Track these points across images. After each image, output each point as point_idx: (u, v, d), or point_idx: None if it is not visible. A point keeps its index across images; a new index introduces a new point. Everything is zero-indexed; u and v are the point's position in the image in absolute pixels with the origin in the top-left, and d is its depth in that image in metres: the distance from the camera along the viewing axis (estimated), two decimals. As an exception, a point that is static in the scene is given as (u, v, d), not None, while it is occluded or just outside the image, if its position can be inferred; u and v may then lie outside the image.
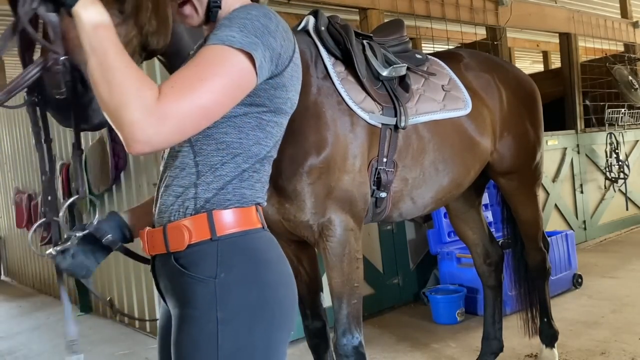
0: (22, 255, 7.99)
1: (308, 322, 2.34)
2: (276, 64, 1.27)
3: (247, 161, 1.29)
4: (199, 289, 1.21)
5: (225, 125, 1.27)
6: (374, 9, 4.84)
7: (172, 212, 1.28)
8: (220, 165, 1.27)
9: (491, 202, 4.56)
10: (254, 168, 1.31)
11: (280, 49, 1.27)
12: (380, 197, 2.13)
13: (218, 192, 1.27)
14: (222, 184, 1.27)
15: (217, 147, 1.27)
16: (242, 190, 1.29)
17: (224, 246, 1.24)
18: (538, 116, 2.93)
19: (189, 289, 1.23)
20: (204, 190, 1.27)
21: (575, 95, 6.60)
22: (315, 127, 1.90)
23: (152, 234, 1.33)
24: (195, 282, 1.22)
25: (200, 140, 1.27)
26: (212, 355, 1.19)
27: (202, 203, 1.26)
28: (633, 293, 4.31)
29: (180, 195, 1.28)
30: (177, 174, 1.30)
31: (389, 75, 2.13)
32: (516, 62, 10.64)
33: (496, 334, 3.04)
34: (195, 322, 1.21)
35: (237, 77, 1.19)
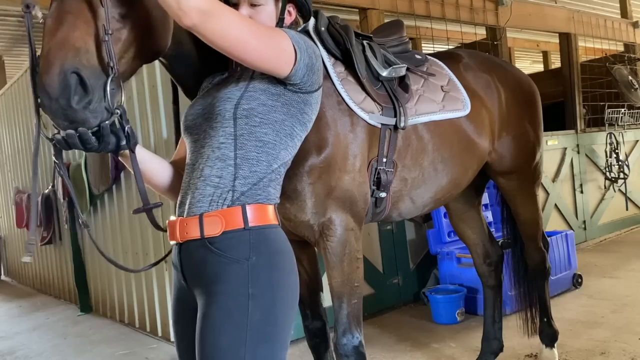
0: (22, 255, 7.98)
1: (308, 321, 2.34)
2: (310, 78, 1.55)
3: (276, 162, 1.52)
4: (234, 269, 1.40)
5: (266, 127, 1.50)
6: (374, 9, 4.84)
7: (210, 202, 1.44)
8: (256, 161, 1.48)
9: (491, 202, 4.57)
10: (278, 171, 1.54)
11: (316, 69, 1.57)
12: (380, 197, 2.14)
13: (252, 187, 1.47)
14: (256, 179, 1.48)
15: (256, 145, 1.48)
16: (269, 189, 1.50)
17: (255, 235, 1.44)
18: (538, 116, 2.93)
19: (224, 268, 1.40)
20: (241, 184, 1.46)
21: (575, 95, 6.61)
22: (316, 127, 1.90)
23: (186, 222, 1.46)
24: (230, 262, 1.40)
25: (244, 135, 1.48)
26: (243, 322, 1.36)
27: (238, 195, 1.45)
28: (633, 293, 4.31)
29: (218, 186, 1.45)
30: (215, 164, 1.47)
31: (388, 75, 2.13)
32: (516, 62, 10.65)
33: (496, 334, 3.05)
34: (229, 295, 1.38)
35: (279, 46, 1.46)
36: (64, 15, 1.34)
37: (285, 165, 1.57)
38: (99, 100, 1.34)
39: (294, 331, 3.83)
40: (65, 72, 1.30)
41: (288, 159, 1.57)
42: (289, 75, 1.49)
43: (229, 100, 1.51)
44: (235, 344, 1.35)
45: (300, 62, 1.50)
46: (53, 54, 1.30)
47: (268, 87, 1.53)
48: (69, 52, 1.31)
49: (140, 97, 4.39)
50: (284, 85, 1.53)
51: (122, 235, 4.88)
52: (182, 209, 1.49)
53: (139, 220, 4.45)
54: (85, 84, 1.32)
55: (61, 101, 1.30)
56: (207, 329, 1.37)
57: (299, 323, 2.38)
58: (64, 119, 1.33)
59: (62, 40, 1.31)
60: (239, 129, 1.48)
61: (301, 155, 1.86)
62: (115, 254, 5.03)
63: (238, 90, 1.52)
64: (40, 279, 7.33)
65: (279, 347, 1.45)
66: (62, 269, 6.49)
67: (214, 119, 1.51)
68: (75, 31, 1.33)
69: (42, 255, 7.05)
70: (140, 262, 4.59)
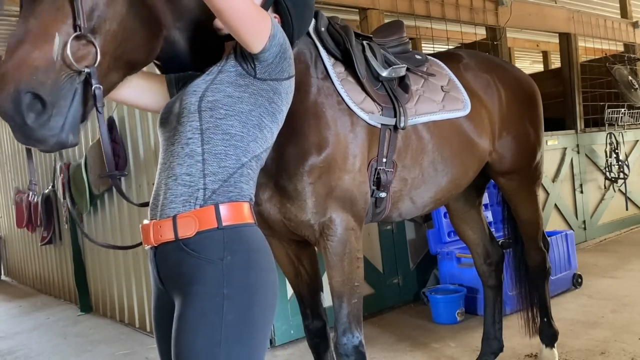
0: (22, 255, 7.99)
1: (308, 321, 2.34)
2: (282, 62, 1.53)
3: (246, 155, 1.48)
4: (209, 269, 1.38)
5: (232, 119, 1.47)
6: (374, 9, 4.84)
7: (183, 202, 1.42)
8: (224, 156, 1.45)
9: (491, 202, 4.57)
10: (249, 165, 1.50)
11: (288, 57, 1.55)
12: (380, 197, 2.14)
13: (223, 184, 1.44)
14: (226, 175, 1.45)
15: (222, 138, 1.45)
16: (241, 185, 1.47)
17: (229, 234, 1.41)
18: (538, 116, 2.93)
19: (199, 269, 1.38)
20: (212, 181, 1.43)
21: (575, 95, 6.61)
22: (316, 127, 1.91)
23: (160, 225, 1.44)
24: (205, 263, 1.38)
25: (210, 129, 1.45)
26: (217, 323, 1.35)
27: (209, 194, 1.42)
28: (633, 293, 4.31)
29: (189, 185, 1.43)
30: (185, 161, 1.44)
31: (388, 76, 2.13)
32: (516, 62, 10.64)
33: (496, 334, 3.05)
34: (204, 296, 1.36)
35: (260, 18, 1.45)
36: (26, 33, 1.33)
37: (257, 160, 1.54)
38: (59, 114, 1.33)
39: (293, 331, 3.86)
40: (19, 92, 1.28)
41: (259, 152, 1.53)
42: (262, 50, 1.47)
43: (194, 94, 1.49)
44: (209, 345, 1.34)
45: (275, 40, 1.48)
46: (9, 74, 1.29)
47: (236, 79, 1.51)
48: (26, 72, 1.29)
49: (140, 97, 4.39)
50: (253, 75, 1.51)
51: (122, 235, 4.88)
52: (155, 211, 1.48)
53: (139, 220, 4.44)
54: (44, 101, 1.30)
55: (17, 119, 1.30)
56: (182, 330, 1.36)
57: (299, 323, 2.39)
58: (21, 136, 1.33)
59: (20, 60, 1.30)
60: (204, 122, 1.46)
61: (301, 155, 1.87)
62: (115, 254, 5.03)
63: (204, 83, 1.51)
64: (40, 279, 7.33)
65: (255, 348, 1.41)
66: (62, 269, 6.49)
67: (182, 113, 1.49)
68: (34, 50, 1.31)
69: (42, 255, 7.05)
70: (141, 262, 4.59)
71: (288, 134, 1.87)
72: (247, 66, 1.51)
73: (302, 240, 2.08)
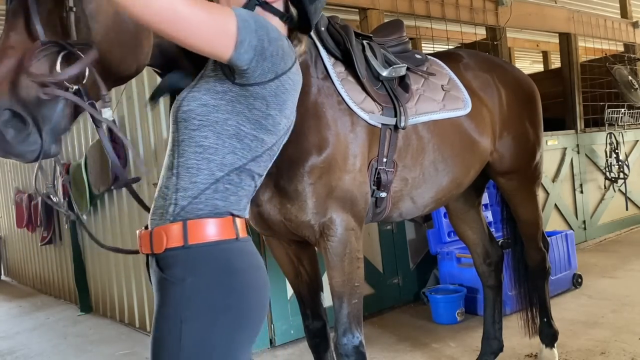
0: (22, 255, 8.00)
1: (308, 321, 2.34)
2: (261, 64, 1.33)
3: (221, 169, 1.36)
4: (172, 290, 1.32)
5: (206, 130, 1.36)
6: (374, 9, 4.84)
7: (161, 215, 1.38)
8: (195, 170, 1.35)
9: (491, 202, 4.56)
10: (228, 179, 1.38)
11: (270, 55, 1.35)
12: (380, 197, 2.14)
13: (192, 200, 1.35)
14: (196, 192, 1.35)
15: (195, 151, 1.36)
16: (215, 202, 1.36)
17: (194, 254, 1.33)
18: (537, 116, 2.93)
19: (164, 288, 1.34)
20: (182, 196, 1.36)
21: (575, 95, 6.61)
22: (316, 127, 1.90)
23: (142, 236, 1.43)
24: (169, 283, 1.32)
25: (185, 141, 1.37)
26: (176, 347, 1.29)
27: (178, 210, 1.35)
28: (633, 293, 4.31)
29: (165, 198, 1.38)
30: (165, 174, 1.41)
31: (388, 75, 2.13)
32: (516, 62, 10.64)
33: (496, 334, 3.05)
34: (167, 319, 1.31)
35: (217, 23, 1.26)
36: (5, 50, 1.30)
37: (243, 174, 1.40)
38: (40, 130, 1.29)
39: (293, 331, 3.86)
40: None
41: (242, 164, 1.39)
42: (230, 59, 1.29)
43: (175, 103, 1.42)
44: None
45: (244, 44, 1.28)
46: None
47: (214, 85, 1.38)
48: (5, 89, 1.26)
49: (140, 97, 4.39)
50: (232, 80, 1.36)
51: (122, 235, 4.88)
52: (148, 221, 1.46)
53: (139, 220, 4.45)
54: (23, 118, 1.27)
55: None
56: (151, 351, 1.33)
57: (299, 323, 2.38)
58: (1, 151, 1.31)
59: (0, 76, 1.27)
60: (180, 134, 1.38)
61: (301, 156, 1.87)
62: (115, 254, 5.03)
63: (185, 91, 1.42)
64: (40, 279, 7.33)
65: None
66: (62, 269, 6.49)
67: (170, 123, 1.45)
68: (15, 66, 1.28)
69: (42, 255, 7.05)
70: (141, 262, 4.59)
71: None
72: (226, 70, 1.38)
73: (302, 241, 2.08)
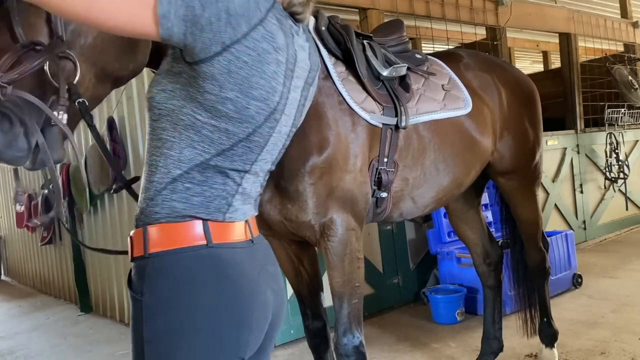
0: (22, 255, 7.99)
1: (308, 321, 2.34)
2: (199, 36, 1.09)
3: (178, 166, 1.17)
4: (135, 306, 1.19)
5: (164, 120, 1.18)
6: (374, 9, 4.84)
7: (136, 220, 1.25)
8: (154, 168, 1.20)
9: (491, 202, 4.56)
10: (189, 177, 1.18)
11: (207, 24, 1.09)
12: (381, 197, 2.14)
13: (149, 203, 1.20)
14: (152, 193, 1.19)
15: (155, 145, 1.20)
16: (172, 203, 1.18)
17: (152, 265, 1.17)
18: (537, 116, 2.93)
19: (131, 303, 1.21)
20: (143, 198, 1.22)
21: (575, 95, 6.61)
22: (317, 127, 1.90)
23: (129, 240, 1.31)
24: (132, 298, 1.19)
25: (149, 134, 1.23)
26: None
27: (139, 214, 1.22)
28: (633, 293, 4.31)
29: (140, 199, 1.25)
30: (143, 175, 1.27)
31: (389, 75, 2.13)
32: (516, 62, 10.64)
33: (496, 334, 3.05)
34: (133, 339, 1.19)
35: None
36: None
37: (202, 169, 1.18)
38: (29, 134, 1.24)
39: (293, 331, 3.86)
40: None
41: (203, 160, 1.18)
42: (160, 36, 1.10)
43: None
44: None
45: (170, 17, 1.07)
46: None
47: (172, 66, 1.19)
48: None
49: (140, 97, 4.39)
50: (183, 58, 1.15)
51: (123, 235, 4.87)
52: None
53: (139, 220, 4.45)
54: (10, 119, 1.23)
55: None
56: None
57: (299, 323, 2.38)
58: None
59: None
60: (148, 125, 1.24)
61: (302, 156, 1.87)
62: (116, 258, 5.03)
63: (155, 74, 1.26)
64: (40, 279, 7.33)
65: None
66: (62, 269, 6.49)
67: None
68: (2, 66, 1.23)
69: (42, 255, 7.05)
70: (140, 262, 4.58)
71: None
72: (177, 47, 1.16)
73: (303, 240, 2.08)
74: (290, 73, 1.24)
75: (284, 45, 1.21)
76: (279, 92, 1.21)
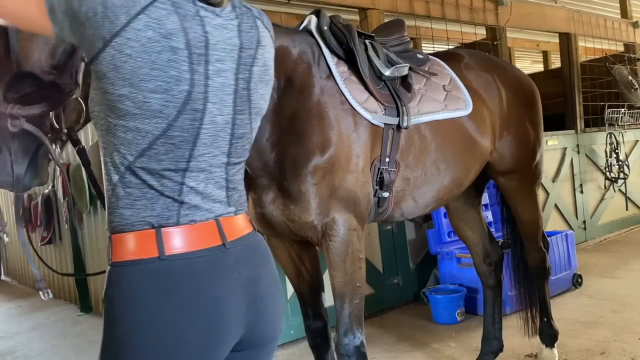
0: (22, 255, 7.99)
1: (309, 321, 2.34)
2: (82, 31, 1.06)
3: (115, 172, 1.13)
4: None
5: (97, 127, 1.15)
6: (374, 9, 4.84)
7: None
8: (104, 176, 1.17)
9: (491, 202, 4.56)
10: (126, 182, 1.13)
11: (85, 18, 1.04)
12: (383, 196, 2.14)
13: (108, 212, 1.17)
14: (107, 202, 1.16)
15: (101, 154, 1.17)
16: (120, 210, 1.14)
17: (110, 275, 1.16)
18: (538, 116, 2.93)
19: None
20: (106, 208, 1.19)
21: (575, 95, 6.61)
22: (319, 128, 1.90)
23: None
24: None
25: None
26: None
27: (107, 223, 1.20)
28: (633, 293, 4.31)
29: None
30: None
31: (391, 75, 2.13)
32: (516, 62, 10.65)
33: (496, 334, 3.05)
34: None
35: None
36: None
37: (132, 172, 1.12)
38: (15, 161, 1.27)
39: (293, 331, 3.86)
40: None
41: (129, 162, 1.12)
42: (55, 32, 1.08)
43: None
44: None
45: (56, 13, 1.06)
46: None
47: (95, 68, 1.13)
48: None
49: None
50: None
51: (122, 235, 4.87)
52: None
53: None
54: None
55: None
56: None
57: (299, 323, 2.38)
58: None
59: None
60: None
61: (305, 156, 1.87)
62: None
63: None
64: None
65: None
66: (62, 269, 6.49)
67: None
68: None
69: (43, 255, 7.05)
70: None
71: (291, 135, 1.87)
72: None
73: (304, 240, 2.08)
74: (201, 57, 1.12)
75: (179, 30, 1.09)
76: (186, 81, 1.10)
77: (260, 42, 1.26)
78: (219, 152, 1.19)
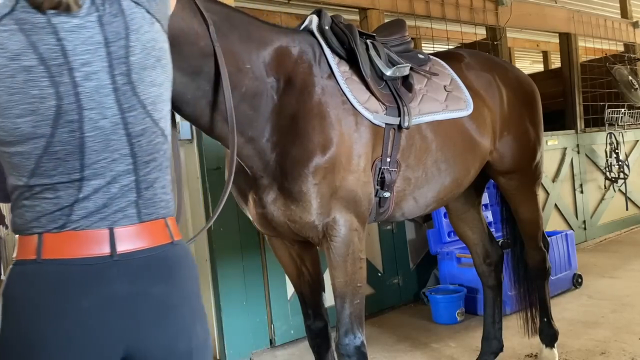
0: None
1: (310, 321, 2.34)
2: None
3: (12, 194, 1.15)
4: None
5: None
6: (374, 9, 4.84)
7: None
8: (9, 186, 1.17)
9: (491, 202, 4.56)
10: (24, 195, 1.12)
11: None
12: (384, 196, 2.14)
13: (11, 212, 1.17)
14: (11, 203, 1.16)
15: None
16: (14, 219, 1.16)
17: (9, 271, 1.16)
18: (538, 116, 2.94)
19: None
20: None
21: (575, 95, 6.61)
22: (320, 127, 1.90)
23: None
24: None
25: None
26: None
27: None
28: (633, 293, 4.31)
29: None
30: None
31: (392, 75, 2.13)
32: (516, 62, 10.64)
33: (496, 334, 3.05)
34: None
35: None
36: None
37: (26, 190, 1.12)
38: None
39: (293, 331, 3.86)
40: None
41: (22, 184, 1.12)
42: None
43: None
44: None
45: None
46: None
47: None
48: None
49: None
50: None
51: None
52: None
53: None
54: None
55: None
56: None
57: (299, 323, 2.38)
58: None
59: None
60: None
61: (306, 156, 1.87)
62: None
63: None
64: (39, 279, 7.32)
65: None
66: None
67: None
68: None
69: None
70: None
71: (291, 135, 1.87)
72: None
73: (305, 241, 2.08)
74: (62, 67, 1.06)
75: (27, 47, 1.04)
76: (51, 96, 1.05)
77: (130, 27, 1.14)
78: (118, 155, 1.13)
